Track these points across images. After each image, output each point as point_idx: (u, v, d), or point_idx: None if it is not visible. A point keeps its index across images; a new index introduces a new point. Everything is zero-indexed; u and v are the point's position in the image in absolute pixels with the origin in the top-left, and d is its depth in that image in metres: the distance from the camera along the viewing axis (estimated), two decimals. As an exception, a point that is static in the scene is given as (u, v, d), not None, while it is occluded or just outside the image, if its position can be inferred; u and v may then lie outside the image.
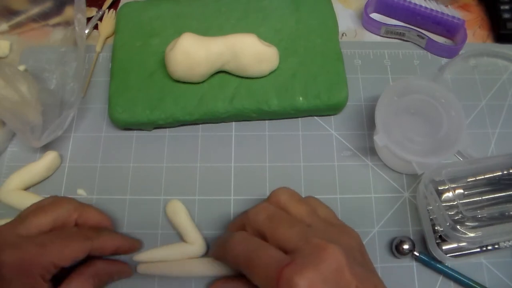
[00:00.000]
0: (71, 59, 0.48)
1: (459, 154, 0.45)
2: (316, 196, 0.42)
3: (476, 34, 0.53)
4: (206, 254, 0.39)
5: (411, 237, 0.40)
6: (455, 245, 0.39)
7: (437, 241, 0.39)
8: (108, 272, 0.36)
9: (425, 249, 0.40)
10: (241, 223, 0.35)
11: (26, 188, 0.42)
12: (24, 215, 0.34)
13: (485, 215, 0.39)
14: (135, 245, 0.39)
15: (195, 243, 0.39)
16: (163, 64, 0.45)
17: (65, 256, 0.32)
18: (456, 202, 0.40)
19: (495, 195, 0.41)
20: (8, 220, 0.40)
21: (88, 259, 0.35)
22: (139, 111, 0.44)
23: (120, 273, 0.38)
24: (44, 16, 0.51)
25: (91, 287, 0.34)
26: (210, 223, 0.41)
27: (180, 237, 0.40)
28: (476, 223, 0.39)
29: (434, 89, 0.42)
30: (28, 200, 0.41)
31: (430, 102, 0.42)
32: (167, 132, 0.46)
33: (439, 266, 0.39)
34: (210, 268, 0.37)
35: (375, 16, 0.53)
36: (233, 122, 0.46)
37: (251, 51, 0.43)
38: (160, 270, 0.38)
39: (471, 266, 0.40)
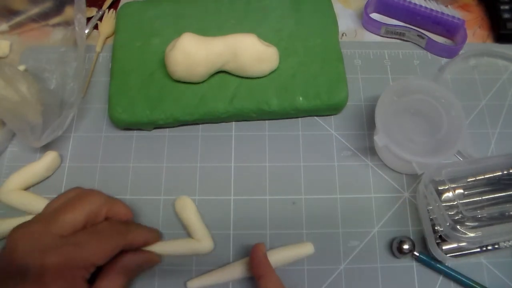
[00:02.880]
0: (71, 59, 0.48)
1: (459, 154, 0.45)
2: (316, 196, 0.43)
3: (476, 34, 0.53)
4: (213, 251, 0.40)
5: (411, 237, 0.40)
6: (455, 245, 0.39)
7: (437, 241, 0.39)
8: (137, 263, 0.36)
9: (425, 249, 0.40)
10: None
11: (26, 188, 0.42)
12: (54, 212, 0.33)
13: (485, 215, 0.39)
14: (159, 235, 0.39)
15: (203, 240, 0.39)
16: (163, 64, 0.45)
17: (102, 254, 0.32)
18: (456, 202, 0.40)
19: (495, 195, 0.41)
20: (8, 220, 0.40)
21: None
22: (139, 111, 0.44)
23: (149, 262, 0.37)
24: (44, 16, 0.51)
25: (124, 280, 0.34)
26: (211, 223, 0.41)
27: (188, 234, 0.41)
28: (476, 223, 0.39)
29: (434, 89, 0.42)
30: (28, 200, 0.41)
31: (430, 102, 0.42)
32: (167, 132, 0.46)
33: (439, 266, 0.39)
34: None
35: (375, 16, 0.53)
36: (233, 122, 0.46)
37: (251, 51, 0.43)
38: (211, 280, 0.39)
39: (471, 266, 0.40)
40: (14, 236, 0.31)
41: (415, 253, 0.39)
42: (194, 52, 0.42)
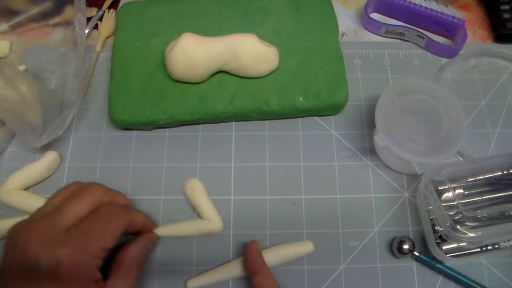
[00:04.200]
0: (71, 59, 0.48)
1: (459, 154, 0.45)
2: (316, 196, 0.43)
3: (476, 34, 0.53)
4: (222, 230, 0.41)
5: (411, 237, 0.40)
6: (455, 245, 0.39)
7: (437, 241, 0.39)
8: (142, 248, 0.36)
9: (425, 249, 0.40)
10: None
11: (26, 188, 0.42)
12: (58, 207, 0.33)
13: (485, 215, 0.39)
14: (154, 223, 0.39)
15: (213, 219, 0.40)
16: (163, 64, 0.45)
17: (109, 235, 0.32)
18: (456, 202, 0.40)
19: (495, 195, 0.41)
20: (8, 220, 0.40)
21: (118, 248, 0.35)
22: (139, 111, 0.44)
23: (152, 240, 0.38)
24: (44, 16, 0.51)
25: (137, 274, 0.35)
26: (210, 223, 0.41)
27: (198, 214, 0.41)
28: (476, 223, 0.39)
29: (434, 89, 0.42)
30: (28, 200, 0.41)
31: (430, 102, 0.42)
32: (167, 132, 0.46)
33: (439, 266, 0.39)
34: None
35: (375, 16, 0.53)
36: (233, 122, 0.46)
37: (251, 51, 0.43)
38: (210, 279, 0.39)
39: (471, 266, 0.40)
40: (23, 234, 0.31)
41: (415, 253, 0.39)
42: (194, 52, 0.42)
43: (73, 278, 0.30)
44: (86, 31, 0.51)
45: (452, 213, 0.40)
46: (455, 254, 0.39)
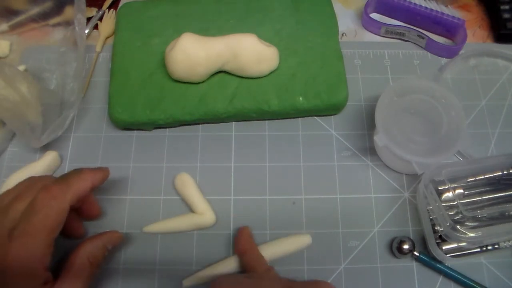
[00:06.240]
0: (71, 59, 0.48)
1: (459, 154, 0.45)
2: (316, 196, 0.43)
3: (476, 34, 0.53)
4: (215, 224, 0.41)
5: (411, 237, 0.40)
6: (455, 245, 0.39)
7: (437, 241, 0.39)
8: (98, 246, 0.35)
9: (425, 249, 0.40)
10: None
11: (26, 188, 0.42)
12: (4, 206, 0.32)
13: (485, 215, 0.39)
14: (105, 172, 0.37)
15: (205, 213, 0.40)
16: (163, 64, 0.45)
17: (49, 228, 0.31)
18: (456, 202, 0.40)
19: (495, 195, 0.41)
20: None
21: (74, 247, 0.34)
22: (139, 111, 0.44)
23: (111, 240, 0.37)
24: (44, 16, 0.51)
25: (84, 281, 0.33)
26: (210, 223, 0.41)
27: (190, 209, 0.41)
28: (476, 223, 0.39)
29: (434, 89, 0.42)
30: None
31: (430, 102, 0.42)
32: (167, 132, 0.46)
33: (439, 266, 0.39)
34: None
35: (375, 16, 0.53)
36: (233, 122, 0.46)
37: (251, 51, 0.43)
38: (205, 276, 0.39)
39: (471, 266, 0.40)
40: None
41: (415, 253, 0.39)
42: (194, 52, 0.42)
43: (20, 283, 0.29)
44: (86, 31, 0.51)
45: (452, 213, 0.40)
46: (455, 254, 0.39)
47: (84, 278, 0.33)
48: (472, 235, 0.36)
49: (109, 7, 0.54)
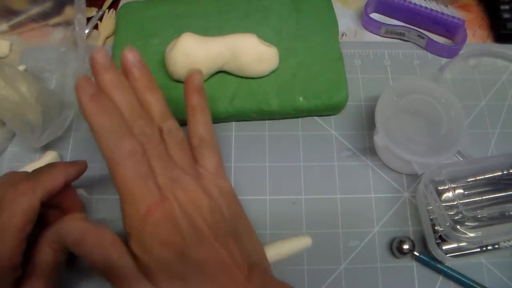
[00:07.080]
0: (71, 59, 0.48)
1: (459, 154, 0.45)
2: (316, 196, 0.43)
3: (476, 34, 0.53)
4: None
5: (411, 237, 0.40)
6: (455, 245, 0.39)
7: (437, 241, 0.39)
8: (59, 225, 0.30)
9: (425, 249, 0.40)
10: None
11: (26, 188, 0.42)
12: None
13: (485, 215, 0.39)
14: (81, 165, 0.35)
15: None
16: (163, 64, 0.45)
17: (13, 235, 0.29)
18: (456, 202, 0.40)
19: (495, 195, 0.41)
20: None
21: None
22: (139, 111, 0.43)
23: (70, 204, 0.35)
24: (44, 16, 0.51)
25: (47, 281, 0.30)
26: (210, 223, 0.41)
27: None
28: (476, 223, 0.39)
29: (434, 89, 0.42)
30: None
31: (430, 102, 0.42)
32: (167, 132, 0.46)
33: (439, 266, 0.39)
34: None
35: (375, 16, 0.53)
36: (233, 122, 0.46)
37: (251, 51, 0.43)
38: None
39: (471, 266, 0.40)
40: None
41: (415, 253, 0.39)
42: (194, 52, 0.42)
43: None
44: (86, 31, 0.51)
45: (452, 213, 0.40)
46: (455, 254, 0.39)
47: (48, 273, 0.30)
48: (472, 235, 0.36)
49: (109, 7, 0.54)
